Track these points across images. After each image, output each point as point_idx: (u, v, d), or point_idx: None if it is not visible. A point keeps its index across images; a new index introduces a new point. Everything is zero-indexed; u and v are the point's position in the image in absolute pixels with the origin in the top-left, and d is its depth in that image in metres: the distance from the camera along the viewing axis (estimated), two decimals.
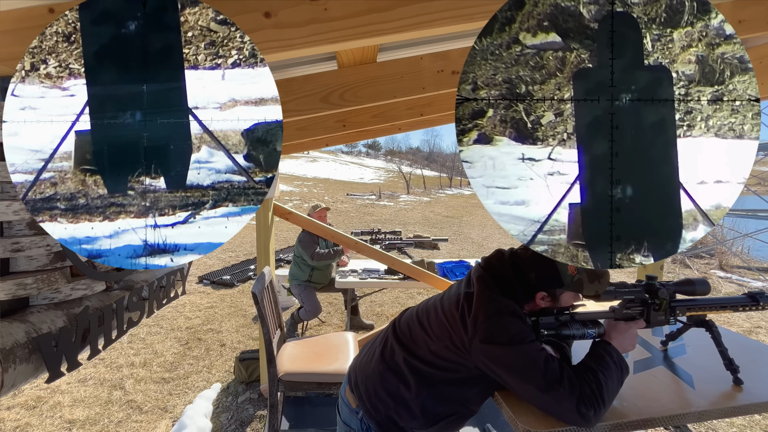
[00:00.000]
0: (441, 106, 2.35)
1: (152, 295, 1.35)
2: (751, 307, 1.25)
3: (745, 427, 2.48)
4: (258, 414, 2.52)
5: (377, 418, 1.14)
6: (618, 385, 1.05)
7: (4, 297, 0.89)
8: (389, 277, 3.28)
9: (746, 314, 4.45)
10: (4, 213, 0.91)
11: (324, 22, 0.93)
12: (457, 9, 0.94)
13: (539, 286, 1.11)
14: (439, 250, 7.79)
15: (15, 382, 0.84)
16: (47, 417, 2.45)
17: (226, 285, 5.25)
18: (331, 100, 1.66)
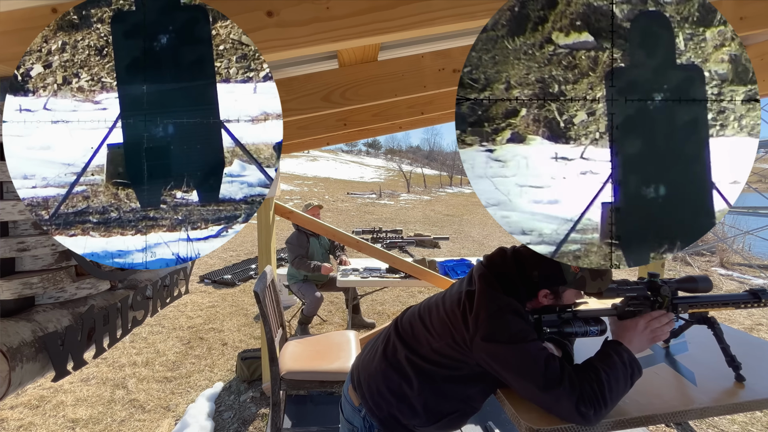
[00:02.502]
0: (442, 104, 2.34)
1: (156, 294, 1.36)
2: (752, 303, 1.25)
3: (747, 423, 2.49)
4: (260, 412, 2.53)
5: (380, 416, 1.15)
6: (625, 385, 1.03)
7: (10, 296, 0.90)
8: (390, 275, 3.28)
9: (748, 311, 4.45)
10: (10, 212, 0.91)
11: (326, 21, 0.93)
12: (458, 7, 0.95)
13: (542, 283, 1.11)
14: (440, 248, 7.79)
15: (22, 381, 0.85)
16: (50, 416, 2.46)
17: (227, 284, 5.26)
18: (332, 99, 1.66)
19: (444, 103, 2.34)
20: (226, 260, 6.60)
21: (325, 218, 11.17)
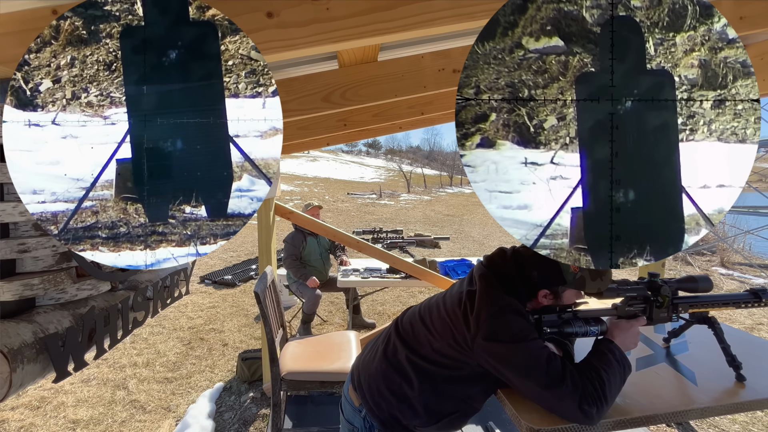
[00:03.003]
0: (442, 104, 2.35)
1: (156, 295, 1.36)
2: (753, 303, 1.25)
3: (748, 423, 2.48)
4: (261, 413, 2.53)
5: (380, 416, 1.15)
6: (620, 382, 1.05)
7: (11, 297, 0.90)
8: (391, 276, 3.28)
9: (748, 311, 4.45)
10: (11, 214, 0.91)
11: (326, 22, 0.93)
12: (458, 8, 0.94)
13: (542, 283, 1.11)
14: (441, 248, 7.79)
15: (23, 382, 0.85)
16: (51, 417, 2.46)
17: (227, 285, 5.26)
18: (332, 100, 1.66)
19: (444, 104, 2.34)
20: (227, 261, 6.60)
21: (326, 218, 11.17)
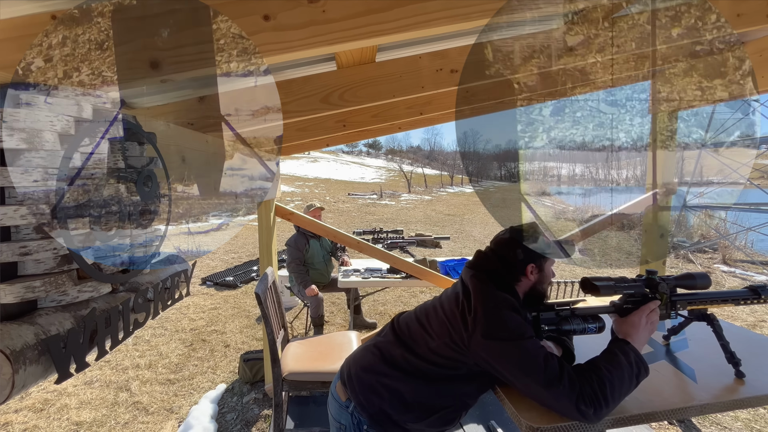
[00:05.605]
0: (440, 104, 2.35)
1: (157, 297, 1.36)
2: (752, 300, 1.25)
3: (750, 420, 2.48)
4: (263, 414, 2.54)
5: (370, 411, 1.15)
6: (630, 384, 1.03)
7: (13, 300, 0.91)
8: (392, 276, 3.29)
9: (751, 308, 4.44)
10: (12, 217, 0.92)
11: (322, 24, 0.94)
12: (454, 9, 0.95)
13: (527, 258, 1.17)
14: (441, 248, 7.79)
15: (25, 383, 0.86)
16: (54, 419, 2.47)
17: (229, 286, 5.27)
18: (330, 101, 1.67)
19: (442, 103, 2.34)
20: (228, 262, 6.61)
21: (326, 219, 11.17)
